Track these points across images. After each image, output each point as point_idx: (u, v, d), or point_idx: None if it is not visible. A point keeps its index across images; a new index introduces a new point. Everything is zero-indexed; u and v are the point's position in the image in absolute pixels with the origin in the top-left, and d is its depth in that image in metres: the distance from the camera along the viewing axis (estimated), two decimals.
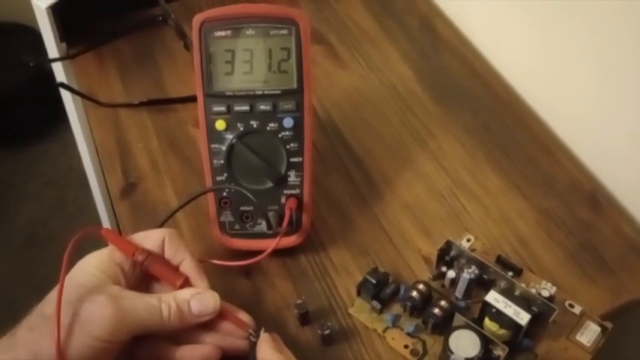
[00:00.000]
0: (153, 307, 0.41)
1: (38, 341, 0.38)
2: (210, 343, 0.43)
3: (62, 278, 0.39)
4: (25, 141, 1.61)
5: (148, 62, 0.70)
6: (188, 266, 0.44)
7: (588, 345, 0.46)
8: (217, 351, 0.43)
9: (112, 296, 0.40)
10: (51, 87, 0.69)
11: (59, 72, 0.72)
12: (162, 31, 0.72)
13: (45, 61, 0.69)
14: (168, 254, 0.44)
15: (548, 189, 0.57)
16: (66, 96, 0.76)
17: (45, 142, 1.61)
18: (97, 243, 0.43)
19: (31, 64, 1.22)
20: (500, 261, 0.50)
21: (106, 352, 0.39)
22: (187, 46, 0.69)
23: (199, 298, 0.42)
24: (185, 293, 0.42)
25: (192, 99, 0.63)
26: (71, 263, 0.41)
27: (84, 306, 0.39)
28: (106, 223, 0.95)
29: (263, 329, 0.43)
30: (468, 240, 0.52)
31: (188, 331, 0.43)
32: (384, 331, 0.47)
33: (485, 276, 0.48)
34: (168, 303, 0.41)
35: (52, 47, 0.71)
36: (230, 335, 0.44)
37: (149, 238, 0.44)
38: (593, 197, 0.56)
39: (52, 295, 0.40)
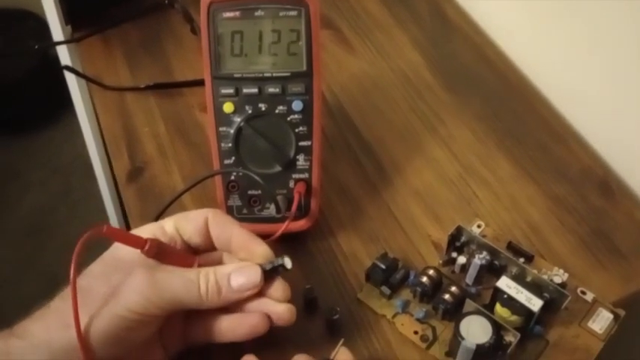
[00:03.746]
0: (190, 282, 0.39)
1: (70, 311, 0.37)
2: (257, 311, 0.42)
3: (73, 280, 0.37)
4: (30, 129, 1.61)
5: (154, 46, 0.69)
6: (239, 237, 0.43)
7: (600, 332, 0.45)
8: (265, 320, 0.42)
9: (148, 268, 0.39)
10: (55, 74, 0.68)
11: (64, 55, 0.72)
12: (168, 15, 0.71)
13: (50, 44, 0.69)
14: (214, 232, 0.43)
15: (560, 175, 0.56)
16: (71, 80, 0.76)
17: (50, 130, 1.61)
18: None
19: (36, 46, 1.21)
20: (511, 247, 0.50)
21: (138, 325, 0.38)
22: (194, 30, 0.68)
23: (240, 272, 0.40)
24: (226, 267, 0.41)
25: (199, 83, 0.63)
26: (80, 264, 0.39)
27: (119, 277, 0.39)
28: (110, 209, 0.95)
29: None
30: (479, 226, 0.52)
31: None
32: (394, 316, 0.47)
33: (496, 262, 0.48)
34: (206, 277, 0.40)
35: (57, 30, 0.70)
36: (270, 298, 0.42)
37: (190, 218, 0.43)
38: (605, 184, 0.55)
39: (91, 267, 0.40)
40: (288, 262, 0.42)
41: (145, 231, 0.42)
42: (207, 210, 0.44)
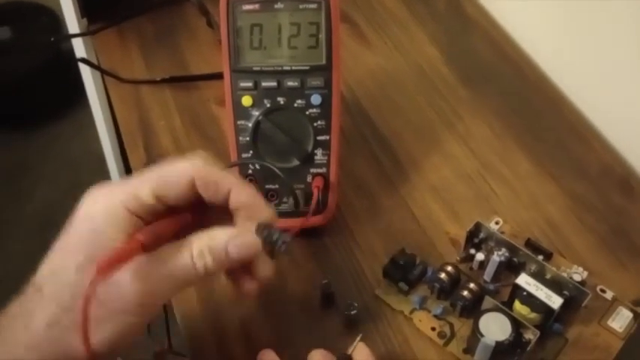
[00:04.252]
0: (185, 268, 0.35)
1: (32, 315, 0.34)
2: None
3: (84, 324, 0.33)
4: (40, 123, 1.61)
5: (169, 39, 0.69)
6: (239, 197, 0.37)
7: (620, 330, 0.45)
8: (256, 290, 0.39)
9: (136, 273, 0.34)
10: (66, 69, 0.68)
11: (79, 48, 0.72)
12: (183, 8, 0.71)
13: (66, 37, 0.69)
14: (206, 194, 0.37)
15: (579, 173, 0.55)
16: (85, 73, 0.76)
17: (59, 125, 1.61)
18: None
19: (52, 39, 1.21)
20: (530, 244, 0.49)
21: (136, 326, 0.36)
22: (210, 24, 0.68)
23: (238, 244, 0.36)
24: (221, 238, 0.36)
25: (215, 76, 0.63)
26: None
27: (105, 289, 0.33)
28: None
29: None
30: (497, 223, 0.51)
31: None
32: (411, 312, 0.46)
33: (514, 259, 0.47)
34: (202, 257, 0.35)
35: (72, 23, 0.70)
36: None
37: (171, 183, 0.36)
38: (625, 182, 0.55)
39: (52, 259, 0.36)
40: (285, 247, 0.38)
41: (116, 209, 0.35)
42: (189, 166, 0.37)
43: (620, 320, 0.46)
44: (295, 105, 0.47)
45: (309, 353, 0.41)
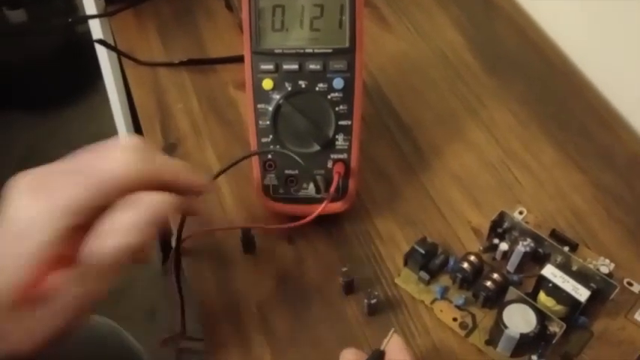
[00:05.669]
0: None
1: None
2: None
3: None
4: (53, 107, 1.61)
5: (187, 21, 0.68)
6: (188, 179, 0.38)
7: None
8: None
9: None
10: (79, 53, 0.67)
11: (96, 30, 0.71)
12: None
13: (84, 18, 0.68)
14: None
15: (606, 163, 0.54)
16: (102, 55, 0.75)
17: (71, 109, 1.60)
18: None
19: (70, 20, 1.21)
20: (555, 235, 0.48)
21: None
22: (229, 6, 0.67)
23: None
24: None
25: (234, 59, 0.62)
26: None
27: None
28: None
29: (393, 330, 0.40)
30: (520, 212, 0.50)
31: None
32: (432, 302, 0.46)
33: (539, 250, 0.46)
34: None
35: (90, 4, 0.69)
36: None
37: (112, 195, 0.34)
38: None
39: None
40: None
41: (60, 231, 0.33)
42: (128, 175, 0.34)
43: None
44: (317, 89, 0.46)
45: (341, 353, 0.39)
